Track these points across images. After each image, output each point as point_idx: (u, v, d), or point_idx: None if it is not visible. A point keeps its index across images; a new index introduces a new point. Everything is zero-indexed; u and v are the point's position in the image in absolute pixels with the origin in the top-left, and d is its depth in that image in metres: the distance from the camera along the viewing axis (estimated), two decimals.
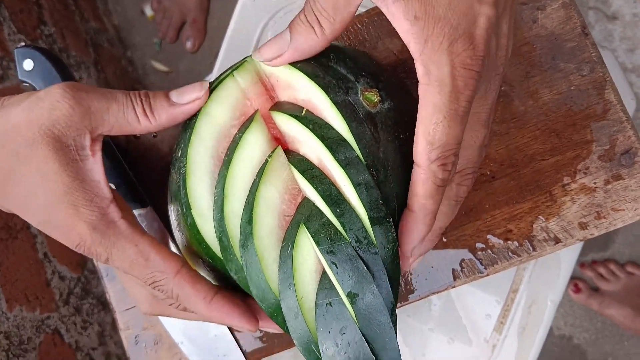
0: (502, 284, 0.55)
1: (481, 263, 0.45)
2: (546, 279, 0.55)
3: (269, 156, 0.34)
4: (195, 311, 0.35)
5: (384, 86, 0.37)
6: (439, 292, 0.46)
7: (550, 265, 0.55)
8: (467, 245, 0.45)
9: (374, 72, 0.38)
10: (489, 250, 0.45)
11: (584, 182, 0.44)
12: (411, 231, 0.32)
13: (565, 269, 0.55)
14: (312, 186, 0.32)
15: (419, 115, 0.30)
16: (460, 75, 0.28)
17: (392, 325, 0.30)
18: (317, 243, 0.32)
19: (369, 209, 0.31)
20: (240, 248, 0.33)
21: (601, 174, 0.44)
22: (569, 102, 0.44)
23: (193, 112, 0.35)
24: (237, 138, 0.34)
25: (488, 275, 0.45)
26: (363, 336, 0.30)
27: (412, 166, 0.34)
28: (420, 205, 0.31)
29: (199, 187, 0.35)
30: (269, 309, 0.33)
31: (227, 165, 0.34)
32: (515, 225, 0.45)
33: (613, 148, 0.44)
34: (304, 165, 0.33)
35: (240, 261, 0.33)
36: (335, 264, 0.31)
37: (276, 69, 0.35)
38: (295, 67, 0.34)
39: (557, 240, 0.44)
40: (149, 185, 0.49)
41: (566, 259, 0.56)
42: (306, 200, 0.34)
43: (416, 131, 0.30)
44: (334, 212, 0.32)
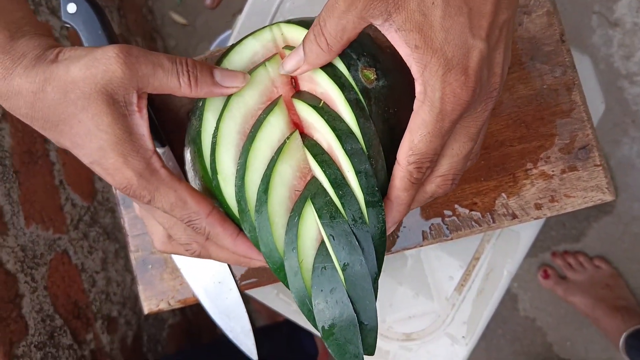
0: (467, 251, 0.63)
1: (447, 228, 0.52)
2: (506, 251, 0.63)
3: (287, 138, 0.40)
4: (222, 243, 0.41)
5: (381, 66, 0.43)
6: (408, 249, 0.53)
7: (511, 241, 0.63)
8: (438, 212, 0.53)
9: (374, 54, 0.44)
10: (455, 217, 0.52)
11: (544, 169, 0.51)
12: (386, 216, 0.38)
13: (523, 245, 0.63)
14: (321, 169, 0.38)
15: (409, 124, 0.35)
16: (449, 102, 0.32)
17: (373, 292, 0.37)
18: (319, 217, 0.38)
19: (366, 194, 0.37)
20: (255, 212, 0.39)
21: (559, 164, 0.51)
22: (540, 99, 0.51)
23: (228, 94, 0.40)
24: (261, 118, 0.40)
25: (452, 239, 0.52)
26: (349, 297, 0.37)
27: (398, 134, 0.41)
28: (396, 196, 0.37)
29: (225, 157, 0.41)
30: (274, 265, 0.39)
31: (251, 141, 0.40)
32: (480, 199, 0.52)
33: (572, 143, 0.51)
34: (316, 150, 0.39)
35: (253, 222, 0.40)
36: (333, 236, 0.37)
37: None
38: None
39: (514, 216, 0.51)
40: (167, 129, 0.56)
41: (525, 236, 0.63)
42: (314, 179, 0.40)
43: (404, 135, 0.35)
44: (337, 193, 0.38)
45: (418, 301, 0.64)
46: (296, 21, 0.45)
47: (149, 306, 0.59)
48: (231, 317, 0.55)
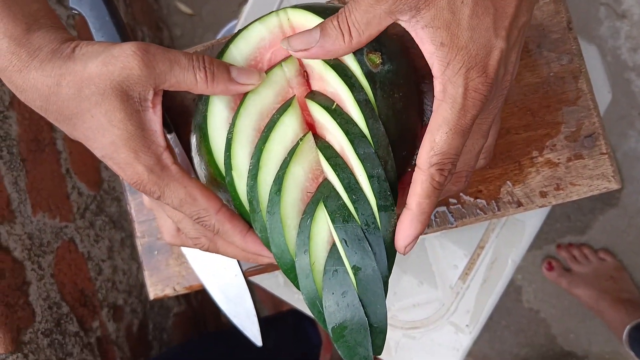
0: (471, 240, 0.63)
1: (452, 216, 0.52)
2: (510, 241, 0.63)
3: (301, 139, 0.40)
4: (232, 240, 0.41)
5: (386, 51, 0.43)
6: None
7: (516, 230, 0.63)
8: (442, 200, 0.53)
9: (380, 38, 0.44)
10: (460, 205, 0.52)
11: (550, 157, 0.51)
12: (407, 228, 0.35)
13: (528, 234, 0.63)
14: (335, 173, 0.39)
15: (429, 125, 0.34)
16: (470, 97, 0.33)
17: (384, 295, 0.37)
18: (332, 221, 0.38)
19: (378, 198, 0.38)
20: (266, 213, 0.39)
21: (565, 152, 0.51)
22: (547, 87, 0.51)
23: (244, 92, 0.40)
24: (275, 118, 0.40)
25: (457, 227, 0.53)
26: (360, 301, 0.37)
27: (402, 119, 0.41)
28: (418, 204, 0.35)
29: (240, 152, 0.41)
30: (285, 266, 0.40)
31: (264, 141, 0.40)
32: (486, 187, 0.52)
33: (579, 131, 0.51)
34: (329, 153, 0.39)
35: (265, 223, 0.40)
36: (346, 241, 0.37)
37: (312, 62, 0.41)
38: (328, 65, 0.40)
39: (519, 204, 0.51)
40: (174, 114, 0.56)
41: (530, 225, 0.63)
42: (327, 182, 0.40)
43: (423, 139, 0.35)
44: (350, 197, 0.38)
45: (422, 289, 0.64)
46: (303, 6, 0.45)
47: (154, 292, 0.59)
48: (236, 303, 0.55)
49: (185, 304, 1.19)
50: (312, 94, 0.42)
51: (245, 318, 0.55)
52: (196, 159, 0.48)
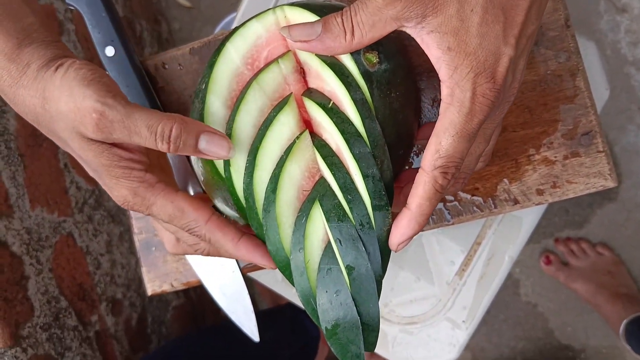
0: (468, 237, 0.63)
1: (449, 213, 0.53)
2: (507, 237, 0.63)
3: (297, 137, 0.40)
4: (225, 250, 0.41)
5: (383, 50, 0.43)
6: None
7: (513, 226, 0.63)
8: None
9: None
10: (456, 202, 0.52)
11: (547, 155, 0.51)
12: (404, 227, 0.36)
13: (525, 230, 0.63)
14: (331, 172, 0.39)
15: (435, 128, 0.35)
16: (478, 102, 0.33)
17: (377, 294, 0.38)
18: (327, 220, 0.38)
19: (373, 198, 0.38)
20: (262, 211, 0.40)
21: (562, 149, 0.51)
22: (544, 84, 0.50)
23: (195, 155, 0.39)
24: (271, 116, 0.40)
25: (453, 224, 0.53)
26: (353, 300, 0.37)
27: (399, 118, 0.41)
28: (418, 205, 0.35)
29: (239, 149, 0.41)
30: (280, 263, 0.40)
31: (260, 139, 0.40)
32: (482, 185, 0.52)
33: (576, 129, 0.51)
34: (325, 151, 0.39)
35: (261, 221, 0.40)
36: (340, 241, 0.38)
37: (309, 59, 0.41)
38: (325, 63, 0.40)
39: (516, 202, 0.51)
40: (171, 111, 0.56)
41: (527, 222, 0.63)
42: (323, 180, 0.40)
43: (429, 141, 0.35)
44: (345, 197, 0.38)
45: (419, 285, 0.65)
46: (300, 3, 0.44)
47: (152, 287, 0.59)
48: (233, 299, 0.55)
49: (184, 298, 1.20)
50: (309, 92, 0.42)
51: (242, 314, 0.55)
52: (193, 156, 0.48)
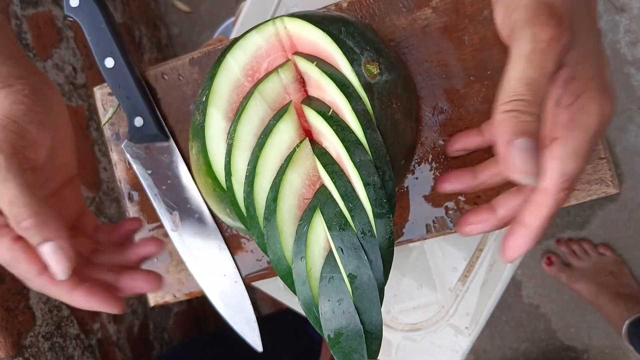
0: (470, 243, 0.63)
1: (451, 221, 0.52)
2: None
3: (297, 145, 0.40)
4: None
5: (384, 60, 0.43)
6: (413, 242, 0.53)
7: None
8: (441, 206, 0.53)
9: (377, 47, 0.44)
10: (459, 211, 0.52)
11: None
12: (522, 244, 0.36)
13: None
14: (332, 180, 0.39)
15: (557, 151, 0.34)
16: (604, 125, 0.34)
17: (379, 303, 0.38)
18: (329, 229, 0.38)
19: (374, 206, 0.38)
20: (263, 220, 0.40)
21: None
22: None
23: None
24: (271, 125, 0.40)
25: (455, 232, 0.52)
26: (356, 308, 0.37)
27: (400, 128, 0.41)
28: (540, 225, 0.36)
29: (240, 159, 0.41)
30: (282, 272, 0.40)
31: (260, 148, 0.40)
32: (484, 193, 0.52)
33: None
34: (326, 159, 0.39)
35: (262, 230, 0.40)
36: (342, 249, 0.38)
37: (309, 69, 0.41)
38: (326, 74, 0.40)
39: None
40: (171, 122, 0.56)
41: None
42: (324, 188, 0.40)
43: (552, 164, 0.34)
44: (346, 206, 0.38)
45: (422, 292, 0.65)
46: (299, 15, 0.44)
47: (154, 299, 0.59)
48: (236, 310, 0.55)
49: (185, 304, 1.20)
50: (309, 100, 0.42)
51: (245, 325, 0.55)
52: (195, 167, 0.48)
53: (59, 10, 0.96)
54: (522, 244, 0.36)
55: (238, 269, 0.56)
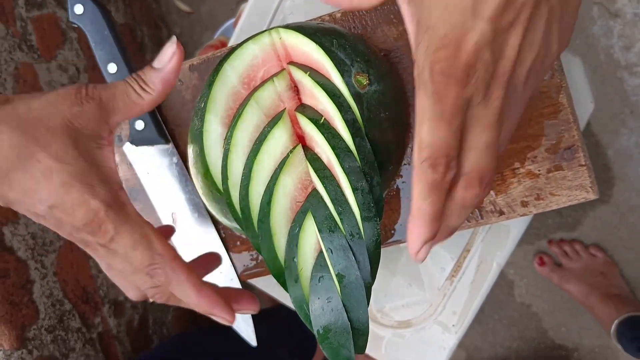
0: (458, 244, 0.65)
1: None
2: (495, 245, 0.65)
3: (291, 151, 0.42)
4: (184, 295, 0.37)
5: (373, 72, 0.46)
6: (402, 243, 0.56)
7: (500, 234, 0.65)
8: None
9: (367, 59, 0.46)
10: None
11: (531, 168, 0.53)
12: (411, 233, 0.33)
13: (513, 238, 0.65)
14: (322, 185, 0.41)
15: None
16: (440, 81, 0.30)
17: (366, 301, 0.40)
18: (319, 231, 0.40)
19: (362, 210, 0.40)
20: (258, 222, 0.42)
21: (546, 163, 0.53)
22: (529, 101, 0.53)
23: (177, 69, 0.38)
24: (266, 131, 0.42)
25: None
26: (344, 306, 0.40)
27: (388, 136, 0.43)
28: (417, 208, 0.32)
29: (236, 163, 0.43)
30: (274, 271, 0.42)
31: (255, 153, 0.42)
32: None
33: (559, 143, 0.53)
34: (317, 165, 0.42)
35: (256, 230, 0.42)
36: (331, 250, 0.40)
37: (303, 79, 0.43)
38: (318, 83, 0.42)
39: (501, 213, 0.54)
40: (171, 125, 0.58)
41: (514, 230, 0.65)
42: (315, 192, 0.42)
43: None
44: (336, 209, 0.40)
45: (411, 291, 0.67)
46: (294, 27, 0.47)
47: None
48: None
49: None
50: (303, 107, 0.44)
51: (240, 320, 0.58)
52: (193, 170, 0.50)
53: (63, 12, 0.98)
54: (411, 233, 0.33)
55: (234, 266, 0.59)
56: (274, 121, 0.43)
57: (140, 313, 1.03)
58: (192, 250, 0.59)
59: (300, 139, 0.44)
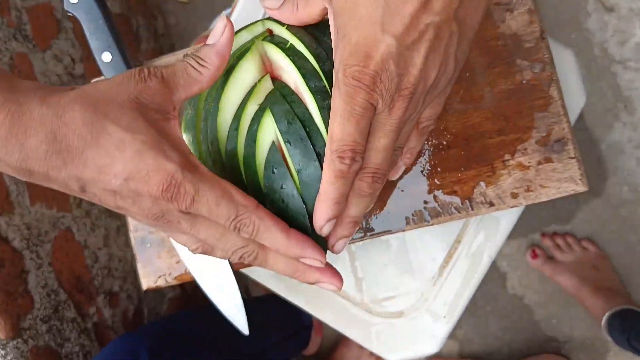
0: (449, 235, 0.66)
1: (429, 214, 0.56)
2: (486, 236, 0.66)
3: (258, 81, 0.43)
4: (274, 241, 0.38)
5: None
6: (392, 233, 0.56)
7: (491, 226, 0.66)
8: (419, 199, 0.56)
9: None
10: (436, 204, 0.55)
11: (521, 160, 0.54)
12: (316, 210, 0.38)
13: (503, 230, 0.66)
14: (291, 109, 0.41)
15: None
16: (349, 83, 0.34)
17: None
18: (277, 123, 0.40)
19: (327, 127, 0.40)
20: (225, 150, 0.43)
21: (536, 155, 0.53)
22: (520, 93, 0.53)
23: (230, 42, 0.40)
24: (233, 64, 0.43)
25: (433, 225, 0.56)
26: (300, 196, 0.40)
27: None
28: (324, 190, 0.37)
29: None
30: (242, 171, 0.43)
31: (222, 86, 0.42)
32: (460, 188, 0.55)
33: (549, 136, 0.53)
34: (285, 91, 0.42)
35: (225, 160, 0.43)
36: (290, 141, 0.40)
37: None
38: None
39: (491, 204, 0.54)
40: None
41: (505, 222, 0.66)
42: (273, 90, 0.42)
43: None
44: (305, 130, 0.40)
45: (403, 280, 0.68)
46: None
47: (147, 283, 0.62)
48: (224, 294, 0.58)
49: (179, 290, 1.23)
50: (271, 37, 0.45)
51: (233, 308, 0.58)
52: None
53: (58, 2, 0.98)
54: (317, 210, 0.38)
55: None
56: (241, 53, 0.44)
57: (136, 304, 1.04)
58: None
59: (268, 71, 0.45)
